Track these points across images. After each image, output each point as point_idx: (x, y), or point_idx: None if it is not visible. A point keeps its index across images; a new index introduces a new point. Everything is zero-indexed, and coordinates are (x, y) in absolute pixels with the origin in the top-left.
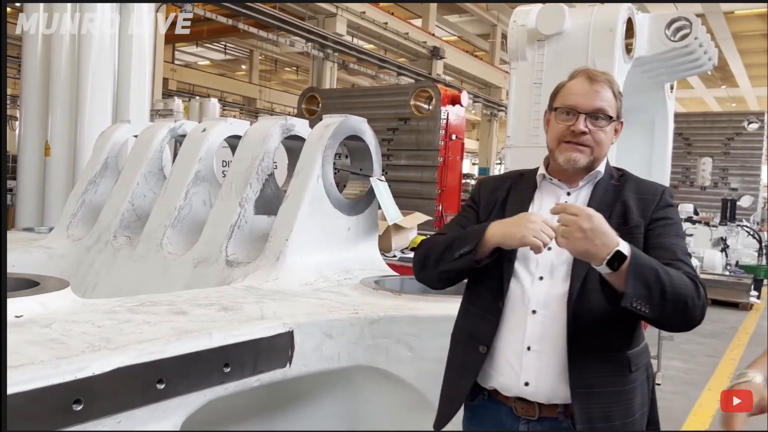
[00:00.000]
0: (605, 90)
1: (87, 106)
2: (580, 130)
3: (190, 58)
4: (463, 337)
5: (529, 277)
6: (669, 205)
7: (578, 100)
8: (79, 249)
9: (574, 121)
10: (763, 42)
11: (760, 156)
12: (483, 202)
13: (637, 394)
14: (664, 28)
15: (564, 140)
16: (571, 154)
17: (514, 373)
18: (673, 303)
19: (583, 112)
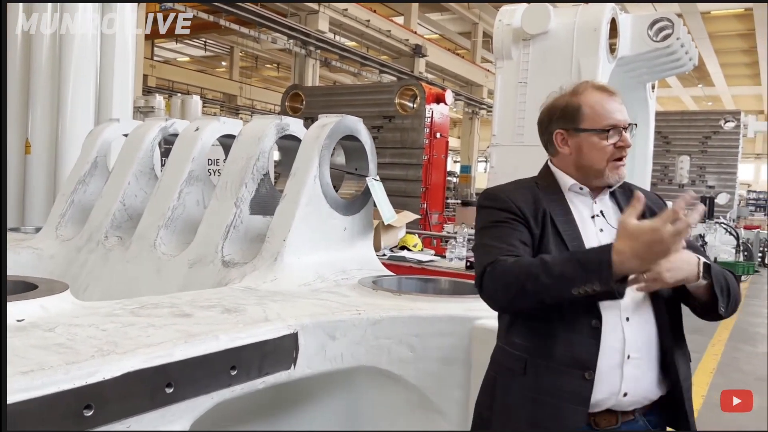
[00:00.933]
0: (621, 99)
1: (69, 104)
2: (629, 144)
3: (169, 54)
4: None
5: None
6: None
7: (618, 117)
8: (69, 249)
9: (618, 137)
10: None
11: (736, 154)
12: (528, 213)
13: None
14: (647, 28)
15: (612, 159)
16: (622, 171)
17: (613, 387)
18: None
19: (623, 127)
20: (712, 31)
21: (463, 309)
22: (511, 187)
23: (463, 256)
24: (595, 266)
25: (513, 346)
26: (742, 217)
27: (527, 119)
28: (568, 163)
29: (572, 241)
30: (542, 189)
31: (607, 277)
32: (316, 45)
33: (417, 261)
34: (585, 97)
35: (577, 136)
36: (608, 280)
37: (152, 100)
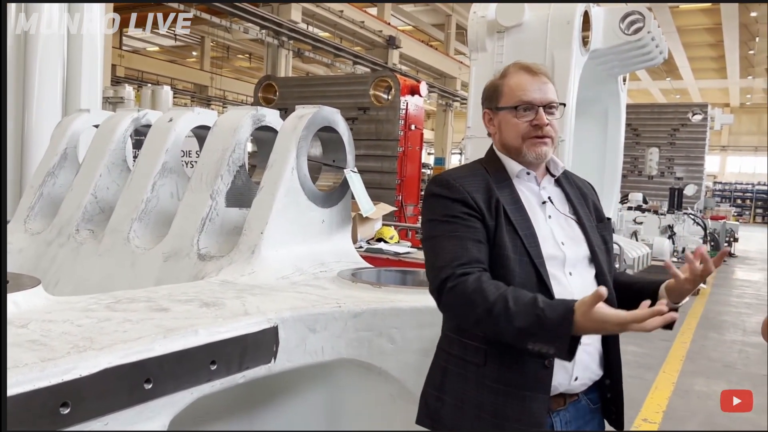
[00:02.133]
0: (547, 80)
1: (35, 95)
2: (545, 122)
3: (138, 44)
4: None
5: (563, 274)
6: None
7: (533, 95)
8: (39, 243)
9: (534, 115)
10: (706, 36)
11: (703, 146)
12: (483, 204)
13: None
14: (619, 21)
15: (528, 137)
16: (540, 149)
17: (566, 373)
18: None
19: (540, 105)
20: (680, 25)
21: None
22: (464, 172)
23: None
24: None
25: (468, 337)
26: (709, 208)
27: None
28: (497, 142)
29: (524, 230)
30: (491, 174)
31: (562, 346)
32: (288, 35)
33: (394, 253)
34: (508, 78)
35: (497, 114)
36: (562, 348)
37: (122, 91)
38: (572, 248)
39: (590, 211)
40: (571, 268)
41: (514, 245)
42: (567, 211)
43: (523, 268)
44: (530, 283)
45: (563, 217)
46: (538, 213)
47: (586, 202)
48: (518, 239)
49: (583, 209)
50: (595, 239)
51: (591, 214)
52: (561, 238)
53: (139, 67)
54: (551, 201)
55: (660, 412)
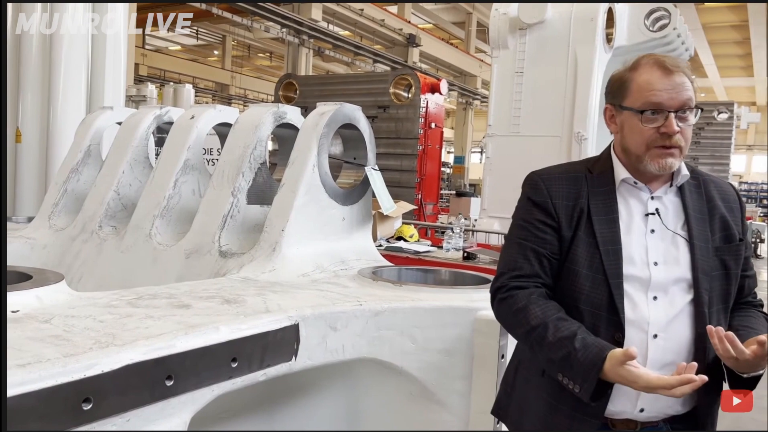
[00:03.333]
0: (685, 79)
1: (60, 93)
2: (675, 131)
3: (161, 43)
4: None
5: (644, 298)
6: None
7: (663, 96)
8: (63, 239)
9: (663, 121)
10: (732, 33)
11: (729, 145)
12: (563, 213)
13: None
14: (644, 18)
15: (654, 145)
16: (666, 160)
17: (629, 402)
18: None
19: (671, 110)
20: (705, 23)
21: (465, 300)
22: (558, 172)
23: (459, 246)
24: (579, 372)
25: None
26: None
27: (523, 109)
28: (617, 143)
29: (606, 245)
30: (593, 177)
31: (587, 388)
32: (309, 34)
33: (414, 251)
34: (638, 72)
35: (621, 114)
36: (588, 390)
37: (144, 89)
38: (665, 270)
39: (715, 227)
40: (658, 292)
41: (591, 261)
42: (678, 227)
43: (595, 286)
44: (600, 304)
45: (670, 234)
46: (638, 226)
47: (712, 216)
48: (597, 255)
49: (701, 225)
50: (704, 262)
51: (716, 232)
52: (656, 257)
53: (162, 65)
54: (658, 214)
55: None
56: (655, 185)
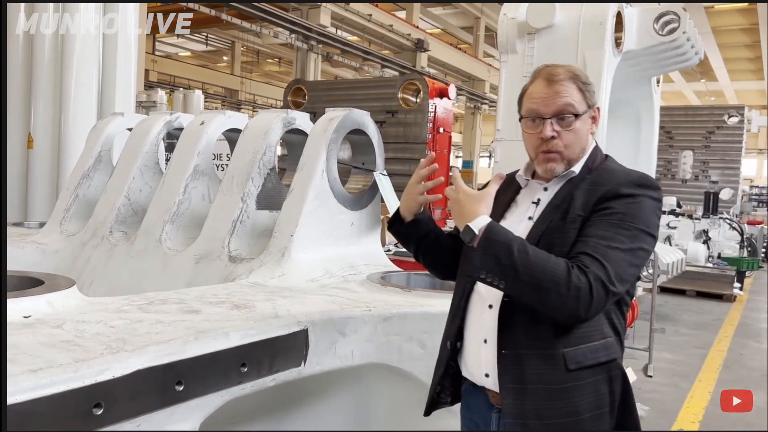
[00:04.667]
0: (567, 86)
1: (71, 99)
2: (547, 135)
3: (170, 49)
4: (444, 336)
5: None
6: (619, 196)
7: (539, 106)
8: (74, 245)
9: (541, 127)
10: (742, 36)
11: (740, 149)
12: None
13: (583, 393)
14: (653, 22)
15: (539, 150)
16: (547, 165)
17: (477, 365)
18: (529, 284)
19: (547, 117)
20: (715, 26)
21: None
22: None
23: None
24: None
25: None
26: (746, 212)
27: None
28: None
29: None
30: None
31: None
32: (317, 39)
33: None
34: (532, 83)
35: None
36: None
37: (154, 95)
38: None
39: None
40: None
41: None
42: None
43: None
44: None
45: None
46: (518, 215)
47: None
48: None
49: (551, 211)
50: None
51: (558, 214)
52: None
53: (172, 71)
54: (538, 203)
55: (696, 423)
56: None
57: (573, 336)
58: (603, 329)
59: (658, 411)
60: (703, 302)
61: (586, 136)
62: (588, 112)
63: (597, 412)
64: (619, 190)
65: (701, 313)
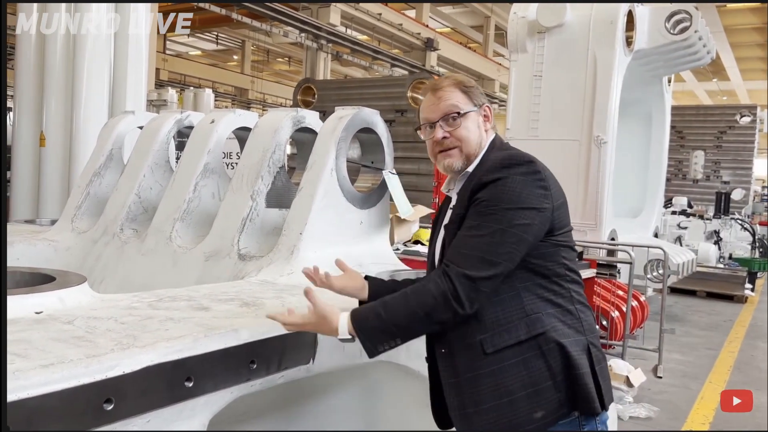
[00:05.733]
0: (450, 91)
1: (83, 97)
2: (438, 138)
3: (181, 48)
4: None
5: None
6: (485, 185)
7: (428, 113)
8: (85, 242)
9: (433, 132)
10: (754, 35)
11: (752, 149)
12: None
13: (511, 373)
14: (664, 20)
15: (436, 152)
16: (444, 161)
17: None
18: (412, 323)
19: (435, 121)
20: (727, 25)
21: None
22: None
23: None
24: None
25: None
26: (757, 213)
27: (542, 113)
28: None
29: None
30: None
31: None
32: (327, 38)
33: None
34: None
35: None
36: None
37: (165, 94)
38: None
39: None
40: None
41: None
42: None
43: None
44: None
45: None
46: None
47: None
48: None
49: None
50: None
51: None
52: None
53: (182, 70)
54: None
55: (706, 424)
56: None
57: (485, 322)
58: (524, 308)
59: (668, 412)
60: (713, 303)
61: (479, 132)
62: (475, 110)
63: (533, 389)
64: (483, 179)
65: (712, 314)
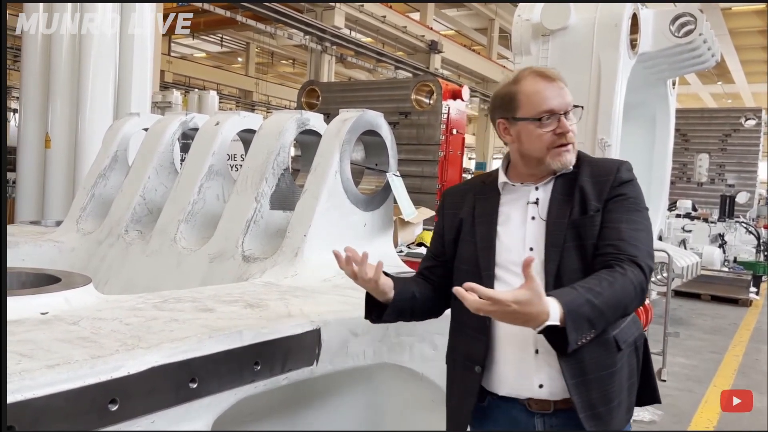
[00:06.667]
0: (563, 85)
1: (88, 99)
2: (568, 130)
3: (186, 50)
4: (459, 358)
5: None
6: (625, 182)
7: (553, 103)
8: (90, 243)
9: (557, 123)
10: (759, 38)
11: (757, 152)
12: (447, 222)
13: (624, 368)
14: (669, 23)
15: (554, 146)
16: (566, 156)
17: (525, 379)
18: (615, 313)
19: (561, 113)
20: (732, 28)
21: None
22: (461, 187)
23: None
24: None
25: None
26: (762, 216)
27: None
28: (514, 151)
29: (483, 242)
30: (485, 186)
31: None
32: (331, 41)
33: None
34: (522, 85)
35: (516, 124)
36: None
37: (169, 96)
38: (536, 254)
39: (575, 202)
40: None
41: (470, 257)
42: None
43: (472, 280)
44: None
45: (542, 221)
46: (516, 219)
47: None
48: (475, 252)
49: (560, 205)
50: (555, 237)
51: (575, 206)
52: (531, 242)
53: (187, 72)
54: (537, 203)
55: (710, 428)
56: (542, 179)
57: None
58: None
59: (672, 415)
60: (718, 307)
61: None
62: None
63: (630, 382)
64: (622, 176)
65: (716, 317)
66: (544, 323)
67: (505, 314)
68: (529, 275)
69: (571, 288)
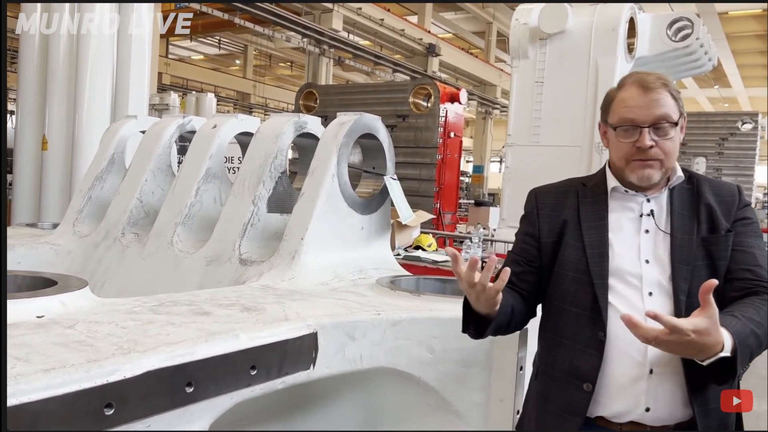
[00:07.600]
0: (663, 95)
1: (85, 101)
2: (646, 145)
3: (183, 52)
4: (560, 374)
5: (639, 295)
6: (747, 205)
7: (637, 113)
8: (86, 246)
9: (637, 136)
10: (756, 42)
11: (753, 156)
12: (545, 223)
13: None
14: (666, 28)
15: (632, 159)
16: (644, 172)
17: (632, 400)
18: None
19: (644, 126)
20: (729, 32)
21: None
22: (554, 186)
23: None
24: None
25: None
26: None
27: (543, 119)
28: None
29: (593, 248)
30: (587, 189)
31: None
32: (329, 44)
33: (432, 261)
34: (621, 90)
35: (607, 129)
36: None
37: (167, 98)
38: (655, 267)
39: (702, 219)
40: (653, 288)
41: (578, 264)
42: (665, 225)
43: (580, 288)
44: (584, 305)
45: (662, 233)
46: (631, 228)
47: (698, 211)
48: (584, 258)
49: (684, 220)
50: (683, 253)
51: (702, 224)
52: (647, 255)
53: (184, 75)
54: (653, 215)
55: None
56: (652, 190)
57: None
58: None
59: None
60: None
61: (678, 146)
62: (680, 120)
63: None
64: (744, 200)
65: None
66: (717, 355)
67: (679, 344)
68: (708, 301)
69: (732, 316)
